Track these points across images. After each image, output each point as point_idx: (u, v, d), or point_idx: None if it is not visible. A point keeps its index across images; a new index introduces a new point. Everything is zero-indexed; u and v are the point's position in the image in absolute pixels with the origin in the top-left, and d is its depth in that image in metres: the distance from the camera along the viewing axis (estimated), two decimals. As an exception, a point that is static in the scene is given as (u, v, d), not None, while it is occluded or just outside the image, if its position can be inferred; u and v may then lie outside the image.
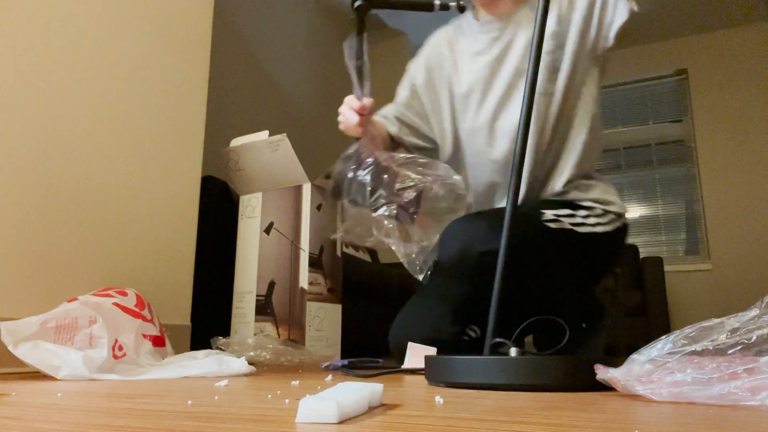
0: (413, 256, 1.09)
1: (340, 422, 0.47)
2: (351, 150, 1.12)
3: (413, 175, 1.09)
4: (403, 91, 1.41)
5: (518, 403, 0.62)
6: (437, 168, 1.11)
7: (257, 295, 1.67)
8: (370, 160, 1.10)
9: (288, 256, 1.66)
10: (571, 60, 1.22)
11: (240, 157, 1.75)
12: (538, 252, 1.17)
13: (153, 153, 1.53)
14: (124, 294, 1.15)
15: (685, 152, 4.05)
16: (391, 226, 1.08)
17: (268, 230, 1.71)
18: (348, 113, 1.14)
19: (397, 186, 1.08)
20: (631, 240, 4.04)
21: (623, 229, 1.27)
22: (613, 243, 1.26)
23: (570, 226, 1.18)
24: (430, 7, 1.01)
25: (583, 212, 1.22)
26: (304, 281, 1.63)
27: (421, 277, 1.10)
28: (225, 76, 2.63)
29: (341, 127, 1.20)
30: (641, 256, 3.60)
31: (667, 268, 3.70)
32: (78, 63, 1.34)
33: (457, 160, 1.36)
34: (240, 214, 1.78)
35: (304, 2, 3.46)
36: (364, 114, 1.13)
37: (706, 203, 3.86)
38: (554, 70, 1.22)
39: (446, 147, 1.36)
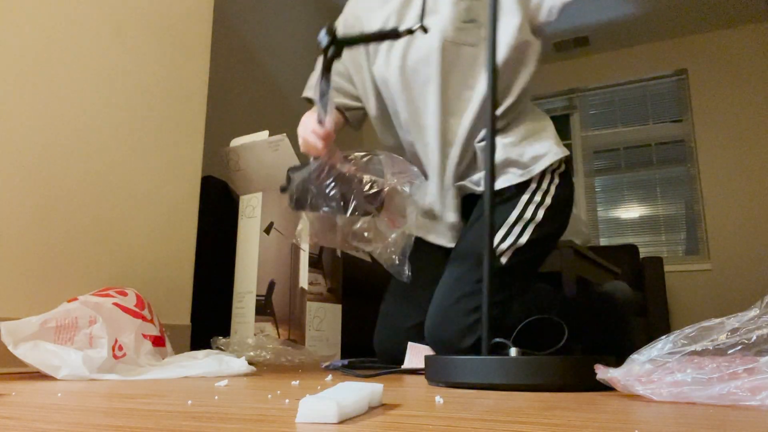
0: (394, 259, 1.10)
1: (340, 422, 0.47)
2: (313, 166, 1.14)
3: (378, 179, 1.11)
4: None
5: (518, 403, 0.62)
6: (394, 163, 1.13)
7: (257, 295, 1.67)
8: (331, 171, 1.12)
9: (288, 256, 1.66)
10: (516, 16, 1.16)
11: (240, 157, 1.75)
12: (510, 291, 1.16)
13: (153, 153, 1.53)
14: (124, 294, 1.15)
15: (685, 152, 4.05)
16: (371, 235, 1.10)
17: (268, 230, 1.71)
18: (312, 139, 1.15)
19: (365, 191, 1.09)
20: (631, 240, 4.04)
21: (562, 185, 1.22)
22: (561, 204, 1.21)
23: (518, 245, 1.17)
24: (396, 35, 1.03)
25: (523, 199, 1.18)
26: (304, 281, 1.63)
27: (405, 279, 1.11)
28: (225, 76, 2.63)
29: (302, 149, 1.21)
30: (641, 256, 3.60)
31: (667, 268, 3.70)
32: (78, 63, 1.34)
33: (384, 119, 1.33)
34: (240, 214, 1.78)
35: (304, 2, 3.46)
36: (328, 140, 1.15)
37: (706, 203, 3.86)
38: (470, 20, 1.17)
39: (370, 104, 1.33)
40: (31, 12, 1.24)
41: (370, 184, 1.09)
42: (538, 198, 1.19)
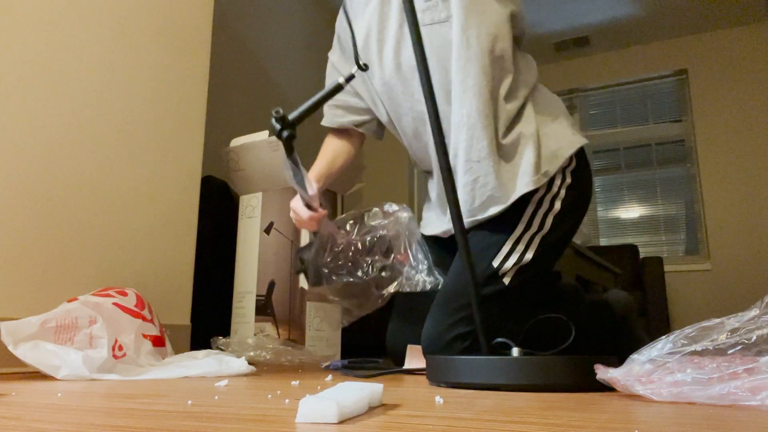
0: (425, 279, 1.11)
1: (340, 422, 0.47)
2: (316, 244, 1.22)
3: (373, 234, 1.17)
4: (327, 80, 1.37)
5: (518, 403, 0.62)
6: (377, 208, 1.18)
7: (257, 295, 1.66)
8: (334, 246, 1.20)
9: (288, 256, 1.66)
10: None
11: (240, 157, 1.75)
12: (514, 308, 1.10)
13: (153, 153, 1.53)
14: (124, 294, 1.15)
15: (685, 152, 4.05)
16: (388, 274, 1.15)
17: (268, 230, 1.71)
18: (307, 224, 1.18)
19: (367, 245, 1.16)
20: (631, 240, 4.04)
21: (573, 185, 1.10)
22: (571, 208, 1.11)
23: (523, 262, 1.07)
24: (339, 88, 0.97)
25: (530, 207, 1.08)
26: (304, 281, 1.63)
27: (442, 280, 1.10)
28: (225, 76, 2.63)
29: (296, 225, 1.25)
30: (641, 256, 3.60)
31: (667, 268, 3.70)
32: (78, 63, 1.34)
33: (394, 124, 1.29)
34: (240, 214, 1.78)
35: (303, 2, 3.46)
36: (321, 220, 1.17)
37: (706, 203, 3.86)
38: None
39: (380, 111, 1.29)
40: (32, 12, 1.24)
41: (365, 244, 1.16)
42: (546, 204, 1.08)
